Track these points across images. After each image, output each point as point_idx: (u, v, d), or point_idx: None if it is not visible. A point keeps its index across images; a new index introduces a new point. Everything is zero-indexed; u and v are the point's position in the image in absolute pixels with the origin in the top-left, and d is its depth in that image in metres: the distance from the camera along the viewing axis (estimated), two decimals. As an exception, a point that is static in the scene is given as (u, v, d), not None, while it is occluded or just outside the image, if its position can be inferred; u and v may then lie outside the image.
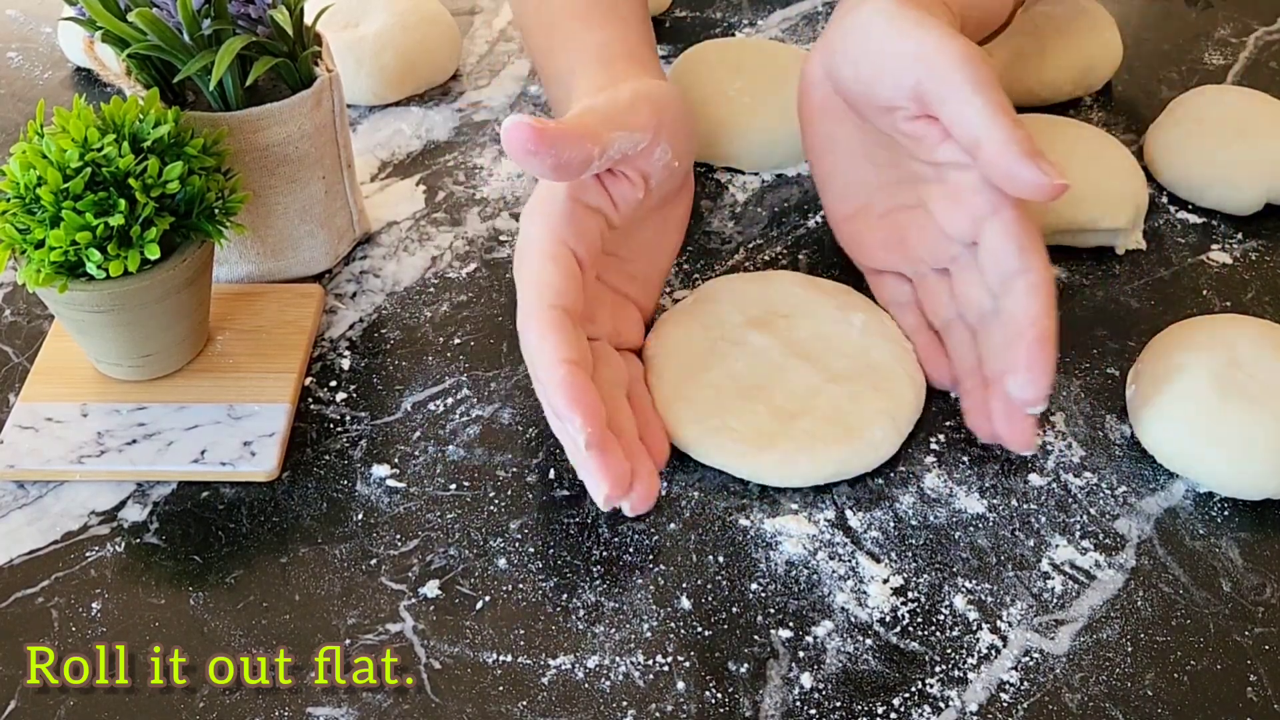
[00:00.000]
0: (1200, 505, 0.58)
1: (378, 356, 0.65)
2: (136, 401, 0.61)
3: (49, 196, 0.55)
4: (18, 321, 0.67)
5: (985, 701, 0.51)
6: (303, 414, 0.62)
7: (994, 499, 0.58)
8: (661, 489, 0.58)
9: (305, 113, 0.64)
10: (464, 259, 0.71)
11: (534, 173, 0.54)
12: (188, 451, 0.59)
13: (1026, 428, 0.57)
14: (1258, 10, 0.90)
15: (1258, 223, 0.73)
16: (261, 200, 0.66)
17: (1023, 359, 0.56)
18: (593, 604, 0.54)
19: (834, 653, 0.52)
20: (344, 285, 0.69)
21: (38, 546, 0.57)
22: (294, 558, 0.56)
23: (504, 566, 0.56)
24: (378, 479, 0.59)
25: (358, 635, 0.53)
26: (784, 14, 0.89)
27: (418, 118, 0.81)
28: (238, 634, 0.53)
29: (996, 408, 0.58)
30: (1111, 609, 0.54)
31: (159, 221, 0.56)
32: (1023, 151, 0.54)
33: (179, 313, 0.60)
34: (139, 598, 0.55)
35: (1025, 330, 0.56)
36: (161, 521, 0.58)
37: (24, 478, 0.59)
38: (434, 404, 0.63)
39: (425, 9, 0.83)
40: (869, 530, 0.57)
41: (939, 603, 0.54)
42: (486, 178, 0.76)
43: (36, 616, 0.54)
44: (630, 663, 0.52)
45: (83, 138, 0.56)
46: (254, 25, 0.62)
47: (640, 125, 0.57)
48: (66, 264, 0.56)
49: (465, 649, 0.53)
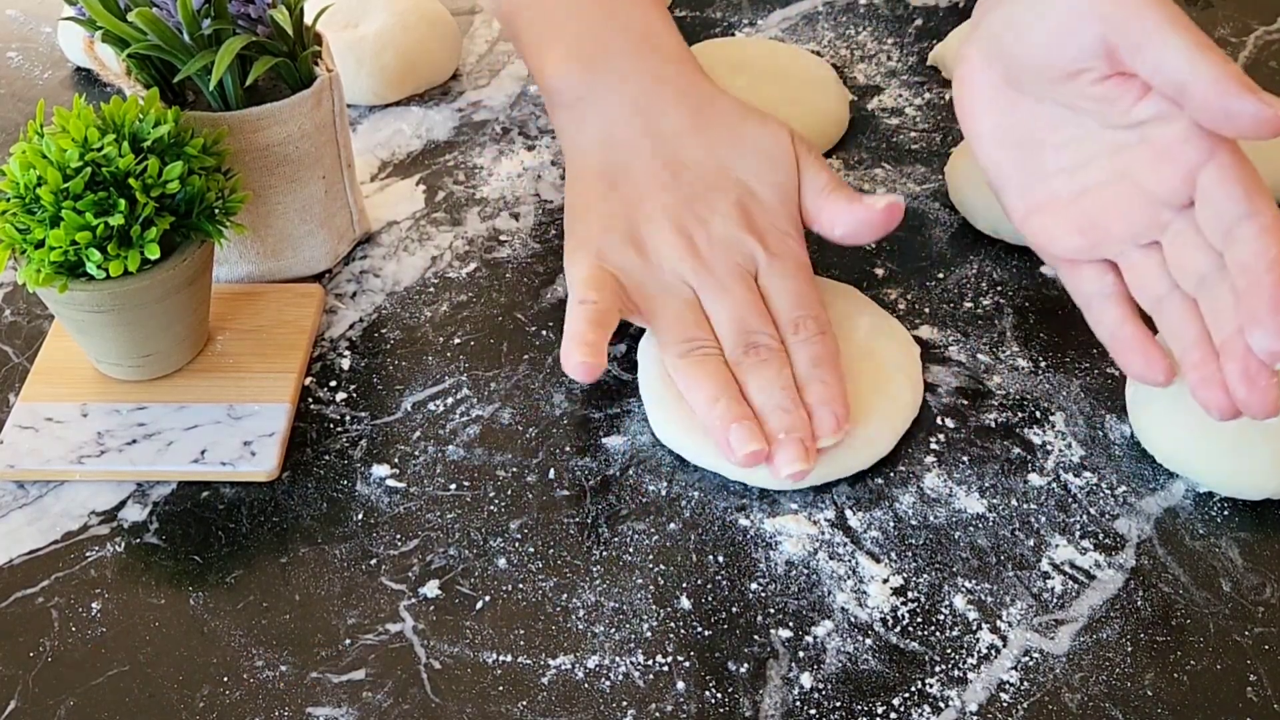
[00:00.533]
0: (1200, 505, 0.58)
1: (378, 356, 0.65)
2: (136, 401, 0.61)
3: (49, 196, 0.55)
4: (18, 321, 0.67)
5: (985, 701, 0.51)
6: (303, 414, 0.62)
7: (994, 499, 0.58)
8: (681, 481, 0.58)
9: (305, 113, 0.64)
10: (464, 259, 0.71)
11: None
12: (188, 451, 0.59)
13: (1272, 387, 0.52)
14: (1258, 10, 0.90)
15: (1258, 223, 0.73)
16: (261, 200, 0.66)
17: (1265, 307, 0.50)
18: (593, 604, 0.54)
19: (834, 653, 0.52)
20: (344, 285, 0.69)
21: (38, 546, 0.57)
22: (294, 558, 0.56)
23: (504, 566, 0.56)
24: (378, 479, 0.59)
25: (358, 635, 0.53)
26: (784, 14, 0.89)
27: (418, 118, 0.81)
28: (238, 634, 0.53)
29: (1233, 371, 0.52)
30: (1111, 609, 0.54)
31: (159, 221, 0.56)
32: (1239, 85, 0.50)
33: (179, 313, 0.60)
34: (139, 598, 0.55)
35: (1262, 277, 0.51)
36: (161, 521, 0.58)
37: (24, 478, 0.59)
38: (434, 404, 0.63)
39: (425, 9, 0.83)
40: (869, 530, 0.57)
41: (939, 603, 0.54)
42: (486, 178, 0.76)
43: (36, 616, 0.54)
44: (630, 663, 0.52)
45: (83, 138, 0.56)
46: (254, 25, 0.62)
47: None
48: (66, 264, 0.56)
49: (465, 649, 0.53)
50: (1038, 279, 0.68)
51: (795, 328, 0.60)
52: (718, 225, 0.62)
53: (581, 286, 0.60)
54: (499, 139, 0.79)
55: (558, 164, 0.77)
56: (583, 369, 0.57)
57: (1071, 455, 0.60)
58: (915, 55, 0.85)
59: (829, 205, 0.63)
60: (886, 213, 0.62)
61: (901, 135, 0.79)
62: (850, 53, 0.85)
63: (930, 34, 0.86)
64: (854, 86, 0.82)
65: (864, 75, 0.83)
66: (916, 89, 0.82)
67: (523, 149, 0.78)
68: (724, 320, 0.60)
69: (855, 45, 0.86)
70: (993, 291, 0.68)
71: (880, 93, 0.82)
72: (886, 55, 0.85)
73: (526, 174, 0.76)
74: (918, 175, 0.76)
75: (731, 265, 0.61)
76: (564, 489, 0.59)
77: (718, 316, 0.61)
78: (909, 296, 0.68)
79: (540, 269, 0.70)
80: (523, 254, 0.71)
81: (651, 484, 0.59)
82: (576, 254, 0.62)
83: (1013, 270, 0.69)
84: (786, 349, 0.60)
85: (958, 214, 0.72)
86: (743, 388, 0.59)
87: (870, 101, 0.81)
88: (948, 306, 0.67)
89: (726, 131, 0.64)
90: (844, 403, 0.58)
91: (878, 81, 0.83)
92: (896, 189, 0.74)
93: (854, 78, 0.83)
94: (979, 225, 0.71)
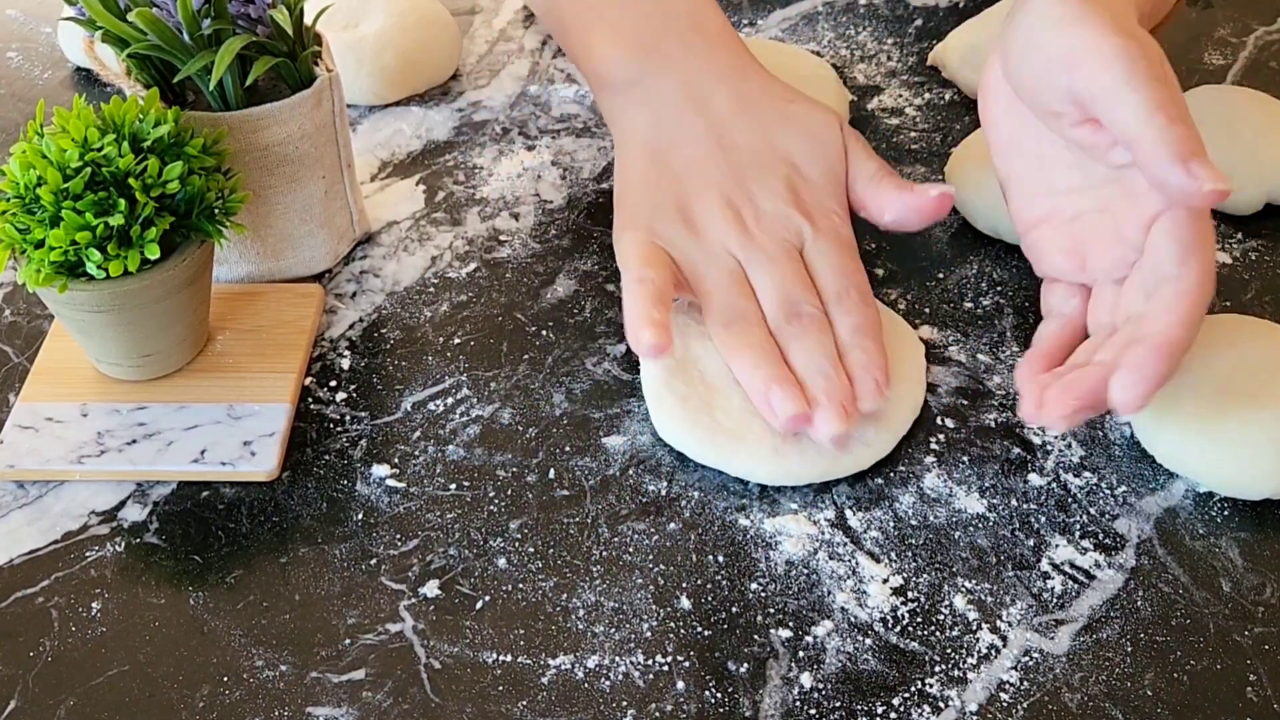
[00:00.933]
0: (1200, 505, 0.58)
1: (378, 356, 0.65)
2: (136, 401, 0.61)
3: (49, 196, 0.55)
4: (18, 321, 0.67)
5: (985, 701, 0.51)
6: (303, 414, 0.62)
7: (994, 499, 0.58)
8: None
9: (305, 113, 0.64)
10: (464, 259, 0.71)
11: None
12: (188, 451, 0.59)
13: (1061, 401, 0.53)
14: (1257, 10, 0.90)
15: (1258, 223, 0.73)
16: (261, 200, 0.66)
17: (1132, 361, 0.52)
18: (593, 604, 0.54)
19: (834, 652, 0.52)
20: (344, 285, 0.69)
21: (38, 546, 0.57)
22: (294, 558, 0.56)
23: (504, 566, 0.56)
24: (378, 479, 0.59)
25: (358, 635, 0.53)
26: (784, 14, 0.89)
27: (418, 118, 0.81)
28: (238, 634, 0.53)
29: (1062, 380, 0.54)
30: (1111, 609, 0.54)
31: (159, 221, 0.56)
32: (1173, 154, 0.50)
33: (179, 313, 0.60)
34: (139, 598, 0.55)
35: (1148, 335, 0.52)
36: (161, 521, 0.58)
37: (24, 478, 0.59)
38: (434, 404, 0.63)
39: (425, 9, 0.83)
40: (869, 530, 0.57)
41: (939, 602, 0.54)
42: (486, 178, 0.76)
43: (36, 616, 0.54)
44: (630, 663, 0.52)
45: (83, 138, 0.56)
46: (254, 25, 0.62)
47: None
48: (66, 264, 0.56)
49: (465, 649, 0.53)
50: (1037, 279, 0.68)
51: (838, 298, 0.61)
52: (766, 201, 0.63)
53: (638, 264, 0.61)
54: (499, 139, 0.79)
55: (558, 164, 0.77)
56: (654, 349, 0.57)
57: (1071, 455, 0.60)
58: (915, 55, 0.85)
59: (878, 192, 0.64)
60: (938, 201, 0.62)
61: (901, 135, 0.79)
62: (850, 53, 0.85)
63: (930, 34, 0.86)
64: (854, 86, 0.82)
65: (864, 75, 0.83)
66: (916, 89, 0.82)
67: (523, 149, 0.78)
68: (768, 289, 0.61)
69: (855, 45, 0.86)
70: (993, 291, 0.68)
71: (880, 93, 0.82)
72: (886, 55, 0.85)
73: (526, 174, 0.76)
74: (918, 175, 0.76)
75: (778, 239, 0.62)
76: (564, 489, 0.59)
77: (762, 286, 0.61)
78: (909, 296, 0.68)
79: (540, 269, 0.70)
80: (523, 254, 0.71)
81: (651, 484, 0.59)
82: (626, 232, 0.63)
83: (1013, 270, 0.69)
84: (830, 319, 0.61)
85: (958, 214, 0.72)
86: (785, 354, 0.59)
87: (870, 101, 0.81)
88: (948, 306, 0.67)
89: (775, 113, 0.65)
90: (884, 369, 0.59)
91: (878, 81, 0.83)
92: (896, 189, 0.74)
93: (854, 78, 0.83)
94: (979, 225, 0.71)
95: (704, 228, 0.63)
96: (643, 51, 0.67)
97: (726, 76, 0.66)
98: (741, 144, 0.64)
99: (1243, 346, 0.59)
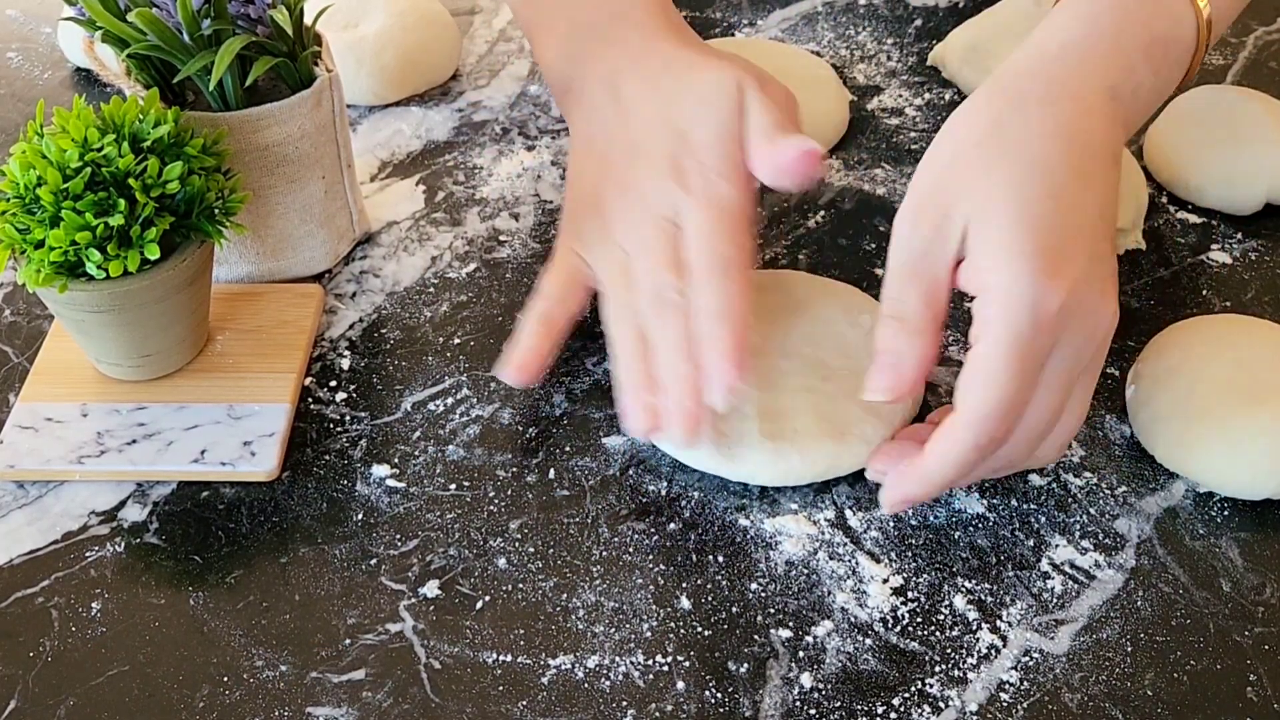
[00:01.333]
0: (1200, 505, 0.58)
1: (378, 356, 0.65)
2: (136, 401, 0.61)
3: (49, 196, 0.55)
4: (18, 321, 0.67)
5: (985, 701, 0.51)
6: (303, 414, 0.62)
7: (994, 499, 0.58)
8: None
9: (305, 113, 0.64)
10: (464, 259, 0.71)
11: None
12: (188, 451, 0.59)
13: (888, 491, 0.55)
14: (1257, 10, 0.90)
15: (1258, 223, 0.73)
16: (261, 200, 0.66)
17: (897, 472, 0.55)
18: (593, 604, 0.54)
19: (834, 652, 0.52)
20: (344, 285, 0.69)
21: (38, 546, 0.57)
22: (294, 558, 0.56)
23: (504, 566, 0.56)
24: (378, 479, 0.59)
25: (358, 635, 0.53)
26: (783, 14, 0.89)
27: (418, 118, 0.81)
28: (238, 634, 0.53)
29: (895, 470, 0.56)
30: (1111, 609, 0.54)
31: (159, 221, 0.56)
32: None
33: (179, 313, 0.60)
34: (139, 598, 0.55)
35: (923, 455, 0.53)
36: (161, 521, 0.58)
37: (24, 478, 0.59)
38: (434, 404, 0.63)
39: (425, 9, 0.83)
40: (869, 530, 0.57)
41: (939, 603, 0.54)
42: (486, 178, 0.76)
43: (36, 616, 0.54)
44: (630, 663, 0.52)
45: (83, 138, 0.56)
46: (254, 25, 0.62)
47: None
48: (66, 264, 0.56)
49: (465, 649, 0.53)
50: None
51: (700, 277, 0.58)
52: (647, 181, 0.61)
53: (543, 284, 0.62)
54: (499, 139, 0.79)
55: (558, 164, 0.77)
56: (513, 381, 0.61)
57: (1071, 455, 0.60)
58: (915, 55, 0.85)
59: (759, 149, 0.60)
60: (802, 158, 0.59)
61: (901, 135, 0.79)
62: (850, 53, 0.85)
63: (930, 34, 0.86)
64: (854, 86, 0.82)
65: (864, 75, 0.83)
66: (916, 89, 0.82)
67: (522, 149, 0.78)
68: (640, 279, 0.59)
69: (855, 45, 0.86)
70: (993, 291, 0.68)
71: (880, 93, 0.82)
72: (886, 55, 0.85)
73: (526, 174, 0.76)
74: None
75: (655, 220, 0.60)
76: (564, 489, 0.59)
77: (636, 276, 0.60)
78: (909, 296, 0.68)
79: (540, 269, 0.70)
80: (523, 254, 0.71)
81: (651, 484, 0.59)
82: (557, 245, 0.64)
83: (1013, 270, 0.69)
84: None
85: (958, 214, 0.72)
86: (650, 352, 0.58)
87: (870, 101, 0.81)
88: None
89: (675, 85, 0.63)
90: (735, 360, 0.56)
91: (878, 81, 0.83)
92: (896, 189, 0.74)
93: (854, 78, 0.83)
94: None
95: (610, 224, 0.62)
96: (574, 53, 0.67)
97: (638, 59, 0.64)
98: (640, 127, 0.63)
99: (1243, 346, 0.59)
